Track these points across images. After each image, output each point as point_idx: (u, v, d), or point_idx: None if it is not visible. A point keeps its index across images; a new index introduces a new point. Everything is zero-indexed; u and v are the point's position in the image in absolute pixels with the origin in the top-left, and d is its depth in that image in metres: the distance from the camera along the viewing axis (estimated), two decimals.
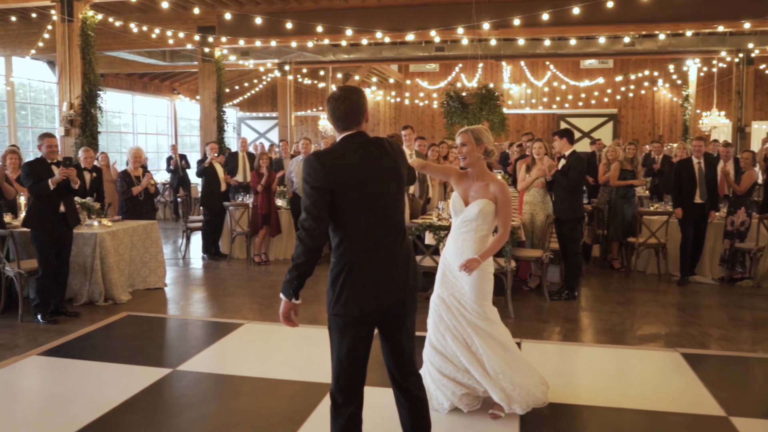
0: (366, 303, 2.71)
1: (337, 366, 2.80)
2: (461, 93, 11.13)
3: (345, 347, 2.77)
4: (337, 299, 2.72)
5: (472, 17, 9.28)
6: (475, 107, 10.90)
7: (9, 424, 3.86)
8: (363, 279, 2.72)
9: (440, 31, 10.08)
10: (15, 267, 6.08)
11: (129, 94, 18.86)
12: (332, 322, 2.78)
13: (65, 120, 8.70)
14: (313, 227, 2.64)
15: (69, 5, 8.48)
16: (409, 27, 10.37)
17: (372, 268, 2.74)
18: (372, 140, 2.84)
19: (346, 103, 2.80)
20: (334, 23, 10.88)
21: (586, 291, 7.49)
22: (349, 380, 2.81)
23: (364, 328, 2.79)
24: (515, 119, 21.16)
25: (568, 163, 6.95)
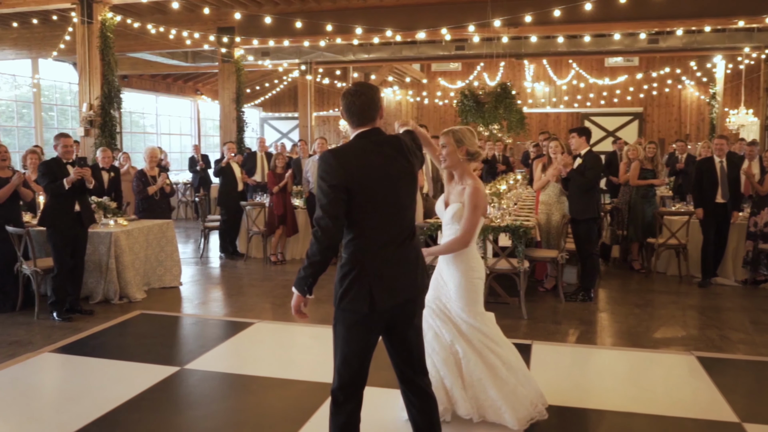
0: (375, 300, 2.70)
1: (341, 363, 2.79)
2: (476, 91, 11.01)
3: (351, 345, 2.77)
4: (345, 294, 2.71)
5: (486, 14, 9.18)
6: (490, 105, 10.78)
7: (16, 420, 3.92)
8: (373, 277, 2.70)
9: (452, 29, 10.00)
10: (31, 265, 6.17)
11: (153, 94, 19.10)
12: (339, 317, 2.77)
13: (85, 120, 8.83)
14: (330, 226, 2.63)
15: (89, 7, 8.61)
16: (421, 25, 10.31)
17: (383, 266, 2.73)
18: (387, 138, 2.83)
19: (362, 98, 2.79)
20: (350, 23, 10.87)
21: (603, 292, 7.36)
22: (352, 377, 2.80)
23: (372, 326, 2.77)
24: (538, 118, 20.98)
25: (584, 162, 6.84)
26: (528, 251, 6.90)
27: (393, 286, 2.75)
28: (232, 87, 12.22)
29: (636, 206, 8.42)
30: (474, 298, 3.78)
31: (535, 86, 20.44)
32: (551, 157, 7.14)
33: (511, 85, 11.54)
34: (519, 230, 6.03)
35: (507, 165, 12.71)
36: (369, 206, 2.70)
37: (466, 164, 3.72)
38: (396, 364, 2.97)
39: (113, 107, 9.01)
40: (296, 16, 11.15)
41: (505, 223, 6.26)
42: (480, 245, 6.25)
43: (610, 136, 19.26)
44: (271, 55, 14.96)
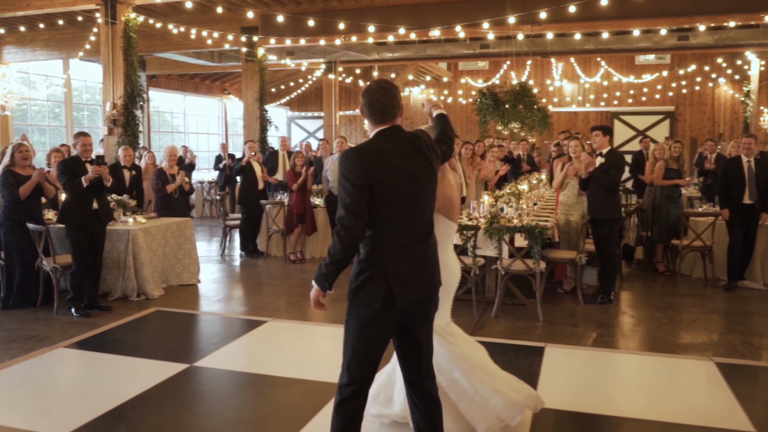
0: (391, 298, 2.68)
1: (350, 359, 2.78)
2: (495, 90, 10.88)
3: (363, 341, 2.76)
4: (360, 290, 2.70)
5: (501, 12, 9.04)
6: (509, 104, 10.63)
7: (25, 413, 3.98)
8: (391, 274, 2.68)
9: (467, 27, 9.88)
10: (51, 262, 6.28)
11: (181, 94, 19.35)
12: (353, 313, 2.75)
13: (108, 120, 8.97)
14: (353, 225, 2.61)
15: (112, 8, 8.74)
16: (435, 23, 10.22)
17: (400, 264, 2.71)
18: (407, 136, 2.82)
19: (385, 95, 2.79)
20: (369, 22, 10.84)
21: (624, 294, 7.20)
22: (361, 374, 2.79)
23: (385, 324, 2.76)
24: (567, 117, 20.67)
25: (607, 161, 6.69)
26: (546, 252, 6.79)
27: (410, 285, 2.73)
28: (255, 86, 12.30)
29: (660, 207, 8.22)
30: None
31: (563, 85, 20.13)
32: (571, 156, 7.01)
33: (531, 84, 11.35)
34: (534, 231, 5.93)
35: (532, 164, 12.56)
36: (389, 204, 2.68)
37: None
38: (403, 366, 2.95)
39: (136, 107, 9.12)
40: (318, 16, 11.16)
41: (521, 224, 6.17)
42: (495, 245, 6.17)
43: (641, 135, 18.87)
44: (296, 55, 15.00)
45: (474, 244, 6.17)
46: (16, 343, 5.41)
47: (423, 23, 10.45)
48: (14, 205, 6.30)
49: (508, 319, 6.14)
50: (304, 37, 11.71)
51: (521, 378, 4.52)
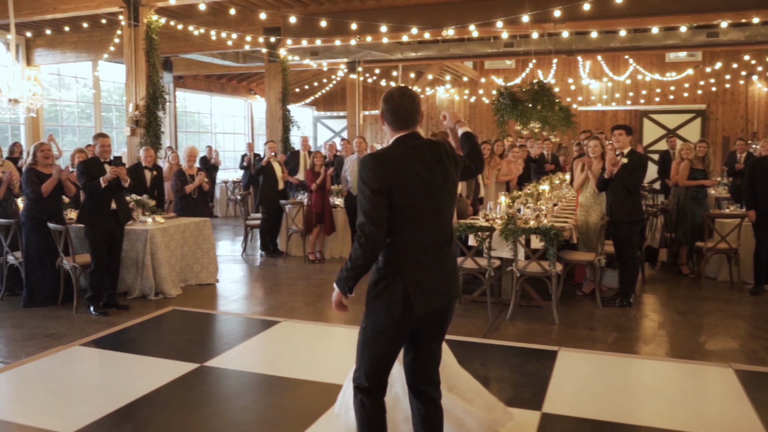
0: (410, 306, 2.67)
1: (367, 364, 2.78)
2: (513, 89, 10.75)
3: (381, 347, 2.75)
4: (379, 298, 2.69)
5: (519, 9, 8.90)
6: (527, 103, 10.49)
7: (35, 410, 4.05)
8: (409, 282, 2.66)
9: (479, 25, 9.78)
10: (70, 261, 6.39)
11: (207, 94, 19.57)
12: (370, 320, 2.74)
13: (131, 120, 9.11)
14: (373, 232, 2.60)
15: (135, 10, 8.87)
16: (448, 23, 10.13)
17: (419, 272, 2.69)
18: (427, 143, 2.80)
19: (409, 101, 2.79)
20: (397, 21, 10.81)
21: (646, 298, 7.06)
22: (377, 377, 2.80)
23: (402, 331, 2.75)
24: (595, 116, 20.36)
25: (631, 161, 6.56)
26: (564, 254, 6.68)
27: (428, 293, 2.71)
28: (278, 86, 12.36)
29: (685, 208, 8.04)
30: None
31: (590, 83, 19.82)
32: (590, 156, 6.90)
33: (552, 83, 11.17)
34: (550, 232, 5.83)
35: (556, 164, 12.38)
36: (408, 211, 2.66)
37: None
38: (409, 372, 2.94)
39: (158, 107, 9.24)
40: (340, 16, 11.17)
41: (537, 225, 6.08)
42: (511, 247, 6.10)
43: (671, 134, 18.50)
44: (320, 54, 15.06)
45: (489, 246, 6.11)
46: (35, 340, 5.52)
47: (438, 23, 10.36)
48: (36, 204, 6.43)
49: (524, 321, 6.06)
50: (321, 38, 11.72)
51: (531, 382, 4.48)
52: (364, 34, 10.87)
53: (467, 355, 5.07)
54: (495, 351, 5.21)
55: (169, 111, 16.07)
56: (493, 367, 4.84)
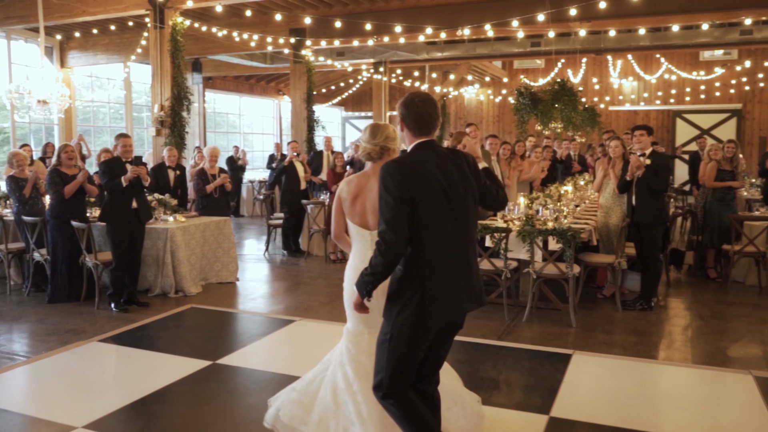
0: (432, 317, 2.66)
1: (391, 371, 2.74)
2: (532, 89, 10.61)
3: (405, 356, 2.73)
4: (403, 310, 2.66)
5: (534, 8, 8.77)
6: (547, 103, 10.33)
7: (49, 404, 4.14)
8: (432, 293, 2.65)
9: (495, 25, 9.67)
10: (93, 258, 6.52)
11: (236, 95, 19.80)
12: (393, 331, 2.71)
13: (156, 121, 9.26)
14: (395, 241, 2.58)
15: (161, 13, 9.02)
16: (464, 22, 10.05)
17: (442, 283, 2.68)
18: (447, 152, 2.80)
19: (432, 107, 2.80)
20: (420, 22, 10.79)
21: (670, 301, 6.91)
22: (403, 382, 2.78)
23: (425, 340, 2.75)
24: (626, 116, 20.01)
25: (654, 162, 6.42)
26: (583, 256, 6.58)
27: (449, 303, 2.70)
28: (303, 87, 12.45)
29: (712, 210, 7.84)
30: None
31: (622, 83, 19.48)
32: (610, 156, 6.78)
33: (576, 82, 11.00)
34: (567, 234, 5.74)
35: (583, 165, 12.20)
36: (429, 220, 2.64)
37: (367, 162, 3.35)
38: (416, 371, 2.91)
39: (183, 108, 9.38)
40: (365, 17, 11.19)
41: (555, 226, 5.99)
42: (527, 248, 6.02)
43: (705, 134, 18.08)
44: (346, 55, 15.10)
45: (505, 247, 6.04)
46: (55, 335, 5.65)
47: (453, 22, 10.29)
48: (60, 203, 6.58)
49: (540, 324, 5.98)
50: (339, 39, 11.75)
51: (542, 385, 4.42)
52: (383, 34, 10.86)
53: (479, 356, 5.04)
54: (508, 353, 5.15)
55: (198, 111, 16.32)
56: (503, 370, 4.79)
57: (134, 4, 9.06)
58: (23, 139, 13.63)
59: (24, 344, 5.58)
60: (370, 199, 3.19)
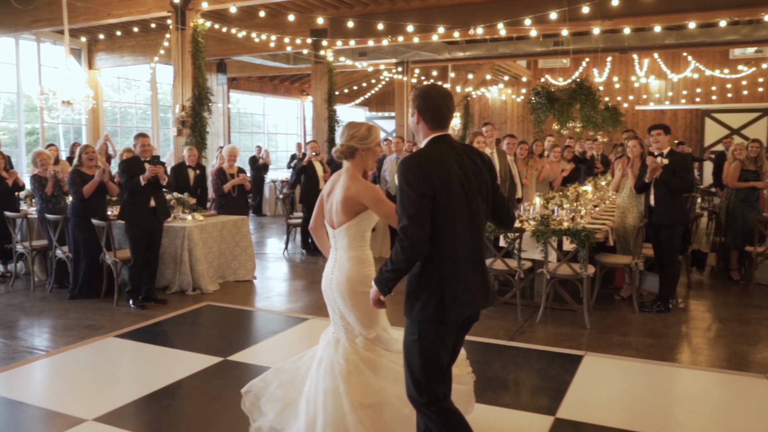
0: (454, 311, 2.65)
1: (421, 377, 2.70)
2: (550, 88, 10.50)
3: (438, 355, 2.71)
4: (424, 307, 2.64)
5: (547, 7, 8.66)
6: (563, 102, 10.21)
7: (61, 396, 4.24)
8: (456, 288, 2.64)
9: (508, 24, 9.59)
10: (112, 256, 6.65)
11: (260, 95, 19.99)
12: (416, 329, 2.69)
13: (177, 121, 9.40)
14: (417, 236, 2.55)
15: (182, 15, 9.16)
16: (477, 21, 10.00)
17: (465, 276, 2.67)
18: (463, 146, 2.78)
19: (451, 101, 2.76)
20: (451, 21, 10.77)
21: (690, 304, 6.79)
22: (441, 383, 2.75)
23: (449, 334, 2.73)
24: (653, 115, 19.71)
25: (672, 161, 6.32)
26: (600, 256, 6.51)
27: (469, 298, 2.69)
28: (324, 87, 12.52)
29: (735, 211, 7.69)
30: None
31: (649, 82, 19.20)
32: (628, 156, 6.70)
33: (597, 81, 10.84)
34: (580, 234, 5.69)
35: (606, 165, 12.05)
36: (449, 215, 2.61)
37: (349, 162, 3.26)
38: None
39: (204, 108, 9.51)
40: (385, 17, 11.21)
41: (571, 226, 5.93)
42: (541, 248, 5.98)
43: (734, 134, 17.71)
44: (368, 55, 15.14)
45: (518, 247, 6.00)
46: (74, 330, 5.77)
47: (465, 22, 10.24)
48: (80, 202, 6.72)
49: (553, 325, 5.93)
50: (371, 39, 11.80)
51: (550, 386, 4.38)
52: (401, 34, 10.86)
53: (489, 356, 5.02)
54: (518, 354, 5.12)
55: (223, 112, 16.51)
56: (512, 370, 4.76)
57: (156, 6, 9.21)
58: (53, 139, 13.96)
59: (44, 339, 5.71)
60: (335, 199, 3.20)
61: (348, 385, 3.13)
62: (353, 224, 3.19)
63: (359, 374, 3.17)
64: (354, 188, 3.15)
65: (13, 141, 13.59)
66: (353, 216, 3.18)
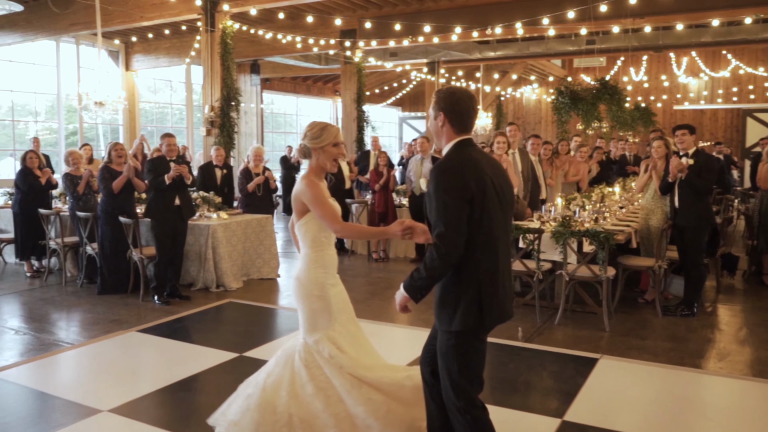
0: (493, 318, 2.64)
1: (471, 380, 2.69)
2: (573, 87, 10.33)
3: (478, 359, 2.70)
4: (467, 312, 2.60)
5: (562, 6, 8.52)
6: (586, 101, 10.03)
7: (80, 387, 4.38)
8: (497, 294, 2.62)
9: (525, 23, 9.46)
10: (138, 252, 6.83)
11: (293, 96, 20.21)
12: (459, 338, 2.64)
13: (207, 121, 9.58)
14: (455, 243, 2.50)
15: (212, 17, 9.34)
16: (495, 21, 9.90)
17: (503, 282, 2.66)
18: (483, 151, 2.77)
19: (475, 104, 2.75)
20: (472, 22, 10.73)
21: (717, 308, 6.62)
22: (477, 389, 2.74)
23: (485, 338, 2.74)
24: (692, 116, 19.26)
25: (698, 162, 6.19)
26: (623, 259, 6.41)
27: (505, 304, 2.68)
28: (353, 87, 12.60)
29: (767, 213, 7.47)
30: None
31: (689, 81, 18.75)
32: (654, 156, 6.57)
33: (616, 80, 10.64)
34: (599, 235, 5.61)
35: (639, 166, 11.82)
36: (485, 220, 2.57)
37: (311, 162, 3.32)
38: (430, 362, 2.91)
39: (232, 109, 9.67)
40: (414, 18, 11.22)
41: (592, 228, 5.85)
42: (560, 250, 5.92)
43: None
44: (400, 55, 15.16)
45: (537, 248, 5.96)
46: (99, 325, 5.95)
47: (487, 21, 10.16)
48: (109, 199, 6.92)
49: (572, 327, 5.86)
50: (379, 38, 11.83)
51: (561, 389, 4.34)
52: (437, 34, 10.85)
53: (503, 358, 5.00)
54: (532, 355, 5.08)
55: (256, 112, 16.74)
56: (524, 371, 4.73)
57: (187, 9, 9.41)
58: (94, 139, 14.40)
59: (71, 332, 5.90)
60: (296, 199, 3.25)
61: (291, 374, 3.23)
62: (302, 224, 3.26)
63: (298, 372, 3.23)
64: (299, 186, 3.22)
65: (56, 141, 14.06)
66: (301, 215, 3.25)
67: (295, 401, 3.17)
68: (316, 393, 3.16)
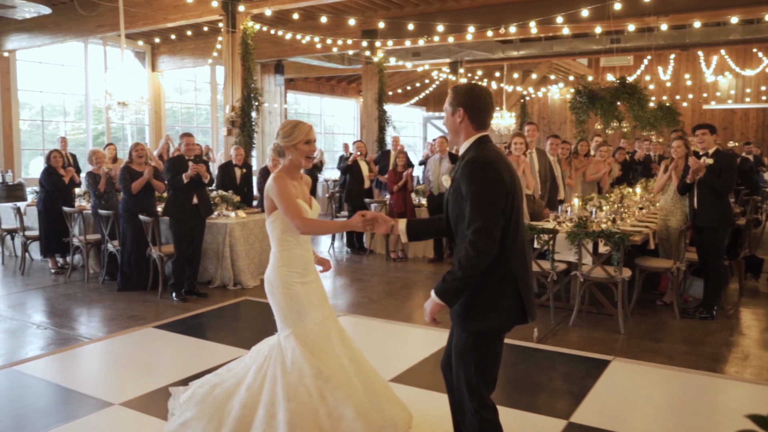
0: (524, 315, 2.61)
1: (487, 380, 2.68)
2: (592, 87, 10.19)
3: (496, 360, 2.70)
4: (492, 308, 2.56)
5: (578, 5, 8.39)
6: (604, 100, 9.88)
7: (94, 381, 4.49)
8: (521, 291, 2.58)
9: (539, 22, 9.35)
10: (157, 250, 6.94)
11: (317, 96, 20.32)
12: (481, 338, 2.61)
13: (228, 121, 9.70)
14: (493, 238, 2.45)
15: (233, 18, 9.45)
16: (511, 20, 9.81)
17: (526, 279, 2.62)
18: (500, 149, 2.76)
19: (492, 100, 2.73)
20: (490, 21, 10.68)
21: (740, 311, 6.50)
22: (492, 389, 2.74)
23: (503, 340, 2.73)
24: (722, 115, 18.89)
25: (718, 162, 6.08)
26: (640, 260, 6.32)
27: (533, 297, 2.67)
28: (374, 87, 12.63)
29: None
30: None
31: (718, 79, 18.39)
32: (673, 156, 6.48)
33: (637, 79, 10.46)
34: (614, 236, 5.54)
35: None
36: (514, 216, 2.55)
37: (286, 160, 3.34)
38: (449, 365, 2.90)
39: (252, 109, 9.77)
40: (438, 17, 11.21)
41: (609, 228, 5.78)
42: (575, 250, 5.86)
43: None
44: (422, 55, 15.15)
45: (552, 248, 5.91)
46: (117, 321, 6.07)
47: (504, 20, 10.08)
48: (130, 198, 7.05)
49: (587, 328, 5.81)
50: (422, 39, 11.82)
51: (570, 390, 4.31)
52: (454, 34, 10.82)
53: (514, 358, 4.97)
54: (543, 356, 5.04)
55: (280, 112, 16.88)
56: (533, 372, 4.70)
57: (209, 10, 9.53)
58: (122, 139, 14.67)
59: (91, 327, 6.03)
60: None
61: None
62: (270, 221, 3.31)
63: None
64: (269, 182, 3.27)
65: (85, 141, 14.36)
66: (270, 212, 3.30)
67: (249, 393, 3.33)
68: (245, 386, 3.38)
